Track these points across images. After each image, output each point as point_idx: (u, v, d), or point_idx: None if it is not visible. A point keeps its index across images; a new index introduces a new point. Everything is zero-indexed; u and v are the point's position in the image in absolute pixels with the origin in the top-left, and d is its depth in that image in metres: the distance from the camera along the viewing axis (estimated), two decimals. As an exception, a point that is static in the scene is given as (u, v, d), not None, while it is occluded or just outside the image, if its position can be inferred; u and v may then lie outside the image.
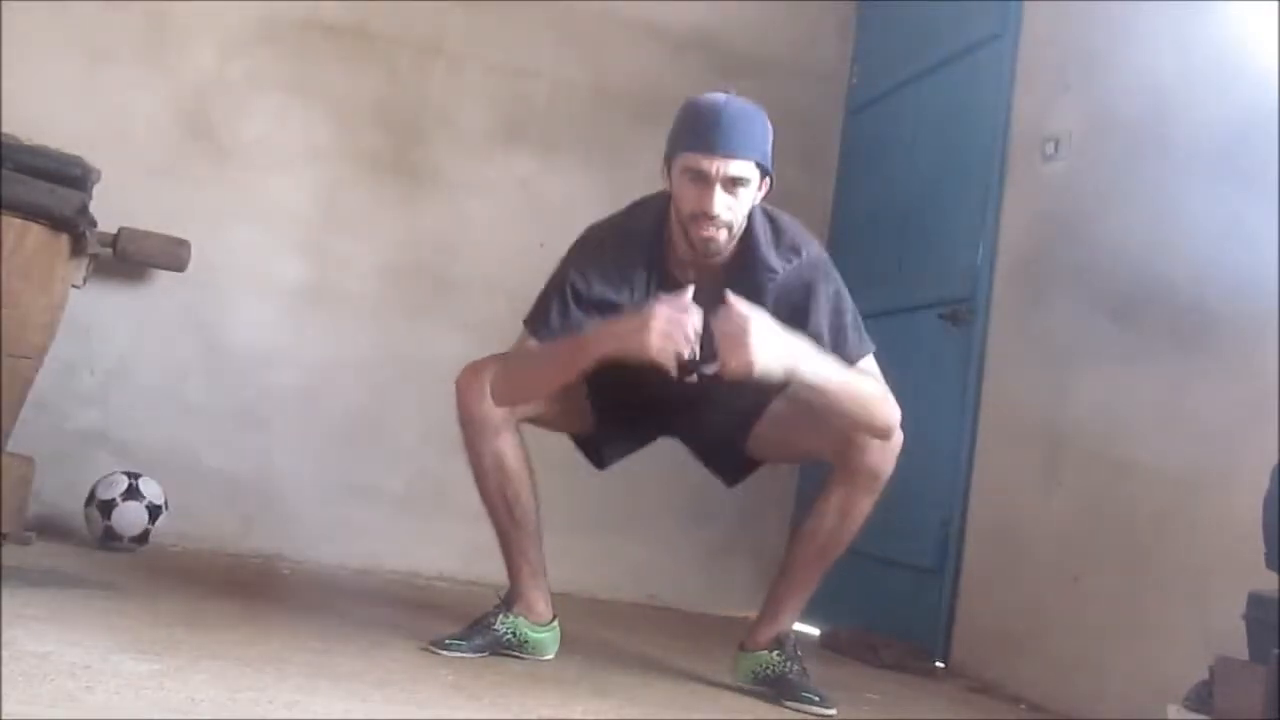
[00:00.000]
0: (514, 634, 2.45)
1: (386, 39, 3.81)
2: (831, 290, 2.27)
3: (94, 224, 2.99)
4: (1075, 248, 3.06)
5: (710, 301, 2.12)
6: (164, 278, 3.49)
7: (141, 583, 2.76)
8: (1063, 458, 2.97)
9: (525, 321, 2.29)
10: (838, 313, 2.26)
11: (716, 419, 2.47)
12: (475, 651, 2.39)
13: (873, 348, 2.29)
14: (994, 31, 3.48)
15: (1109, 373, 2.87)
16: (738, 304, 2.05)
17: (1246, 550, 2.10)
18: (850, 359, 2.24)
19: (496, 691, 2.12)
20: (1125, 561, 2.70)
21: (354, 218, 3.75)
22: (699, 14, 4.13)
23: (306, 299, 3.70)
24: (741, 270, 2.25)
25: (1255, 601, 1.99)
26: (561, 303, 2.25)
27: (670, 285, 2.24)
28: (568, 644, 2.58)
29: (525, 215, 3.91)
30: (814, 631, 3.62)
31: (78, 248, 2.93)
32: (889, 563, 3.47)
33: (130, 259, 3.36)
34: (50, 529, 3.19)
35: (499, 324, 3.77)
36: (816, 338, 2.21)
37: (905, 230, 3.80)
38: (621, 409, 2.42)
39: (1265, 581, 2.01)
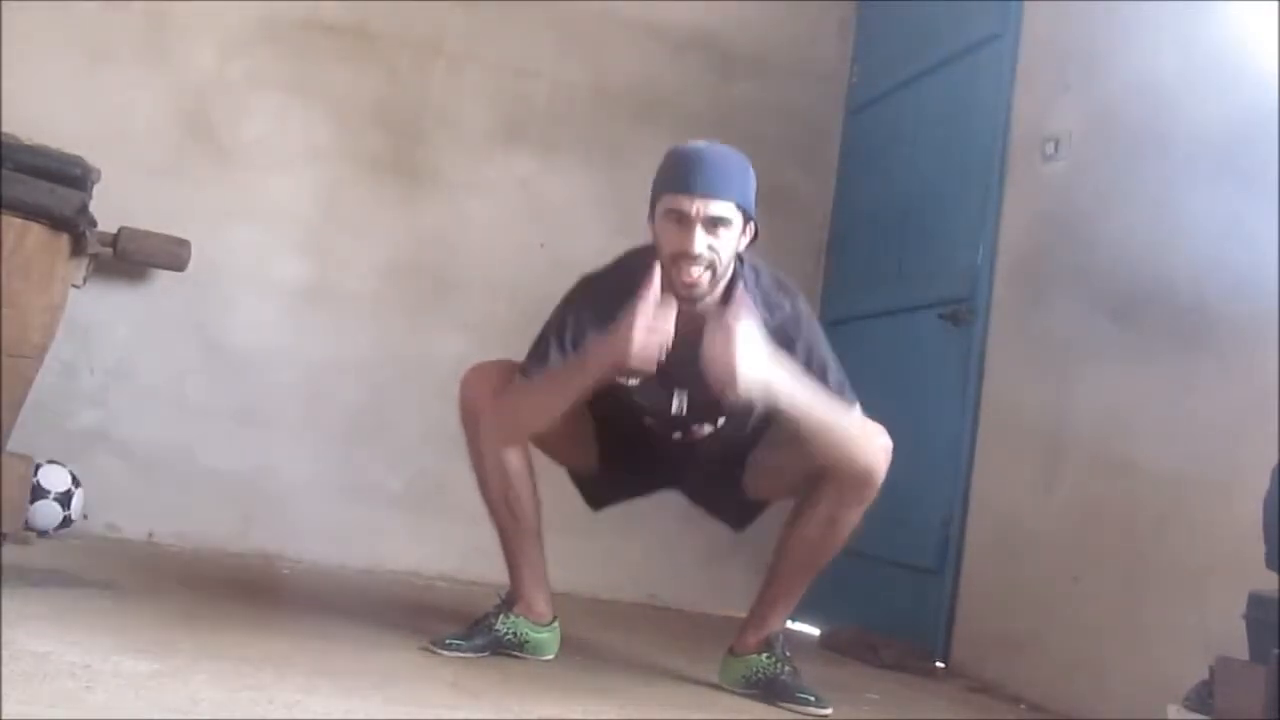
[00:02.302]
0: (514, 634, 2.45)
1: (386, 39, 3.81)
2: (813, 347, 2.27)
3: (94, 224, 2.99)
4: (1075, 248, 3.06)
5: (698, 352, 2.16)
6: (164, 278, 3.49)
7: (141, 583, 2.76)
8: (1063, 458, 2.97)
9: (521, 368, 2.29)
10: (821, 370, 2.26)
11: (711, 469, 2.49)
12: (475, 651, 2.39)
13: (856, 402, 2.28)
14: (994, 31, 3.48)
15: (1109, 373, 2.87)
16: (731, 314, 2.04)
17: (1246, 550, 2.10)
18: None
19: (496, 691, 2.12)
20: (1125, 562, 2.70)
21: (354, 218, 3.75)
22: (699, 14, 4.13)
23: (306, 299, 3.70)
24: None
25: (1255, 601, 1.99)
26: (559, 347, 2.26)
27: None
28: (568, 644, 2.58)
29: (525, 215, 3.92)
30: (814, 631, 3.63)
31: (78, 247, 2.93)
32: (889, 563, 3.47)
33: (130, 259, 3.36)
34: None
35: (499, 324, 3.81)
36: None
37: (905, 230, 3.80)
38: (624, 455, 2.42)
39: (1265, 581, 2.01)
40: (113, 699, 1.61)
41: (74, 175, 2.89)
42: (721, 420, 2.36)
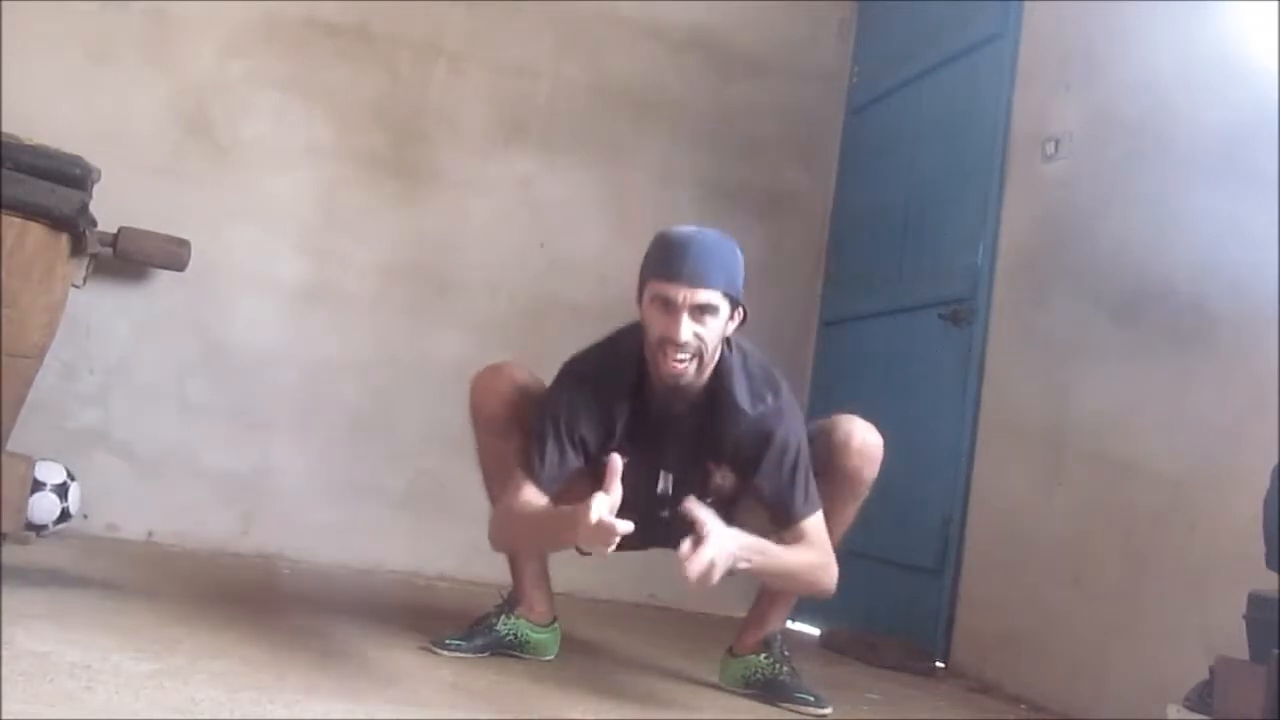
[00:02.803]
0: (515, 634, 2.46)
1: (386, 39, 3.81)
2: (789, 445, 2.25)
3: (94, 223, 2.99)
4: (1075, 248, 3.06)
5: (686, 433, 2.27)
6: (164, 278, 3.49)
7: (141, 583, 2.76)
8: (1063, 458, 2.97)
9: (519, 465, 2.28)
10: (790, 470, 2.25)
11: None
12: (476, 651, 2.39)
13: (818, 508, 2.27)
14: (994, 31, 3.48)
15: (1109, 372, 2.87)
16: (697, 520, 2.05)
17: (1246, 550, 2.10)
18: (794, 519, 2.24)
19: (496, 691, 2.12)
20: (1125, 561, 2.70)
21: (354, 217, 3.75)
22: (699, 14, 4.13)
23: (306, 299, 3.70)
24: (712, 405, 2.27)
25: (1255, 601, 1.99)
26: (557, 445, 2.25)
27: (650, 419, 2.28)
28: (568, 644, 2.58)
29: (525, 215, 3.92)
30: (814, 631, 3.63)
31: (78, 247, 2.93)
32: (889, 563, 3.47)
33: (130, 259, 3.36)
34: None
35: (499, 324, 3.81)
36: (758, 491, 2.26)
37: (905, 230, 3.80)
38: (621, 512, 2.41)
39: (1265, 581, 2.01)
40: (113, 699, 1.61)
41: (74, 175, 2.88)
42: (709, 499, 2.38)
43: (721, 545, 2.03)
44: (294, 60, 3.71)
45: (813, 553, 2.25)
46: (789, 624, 3.07)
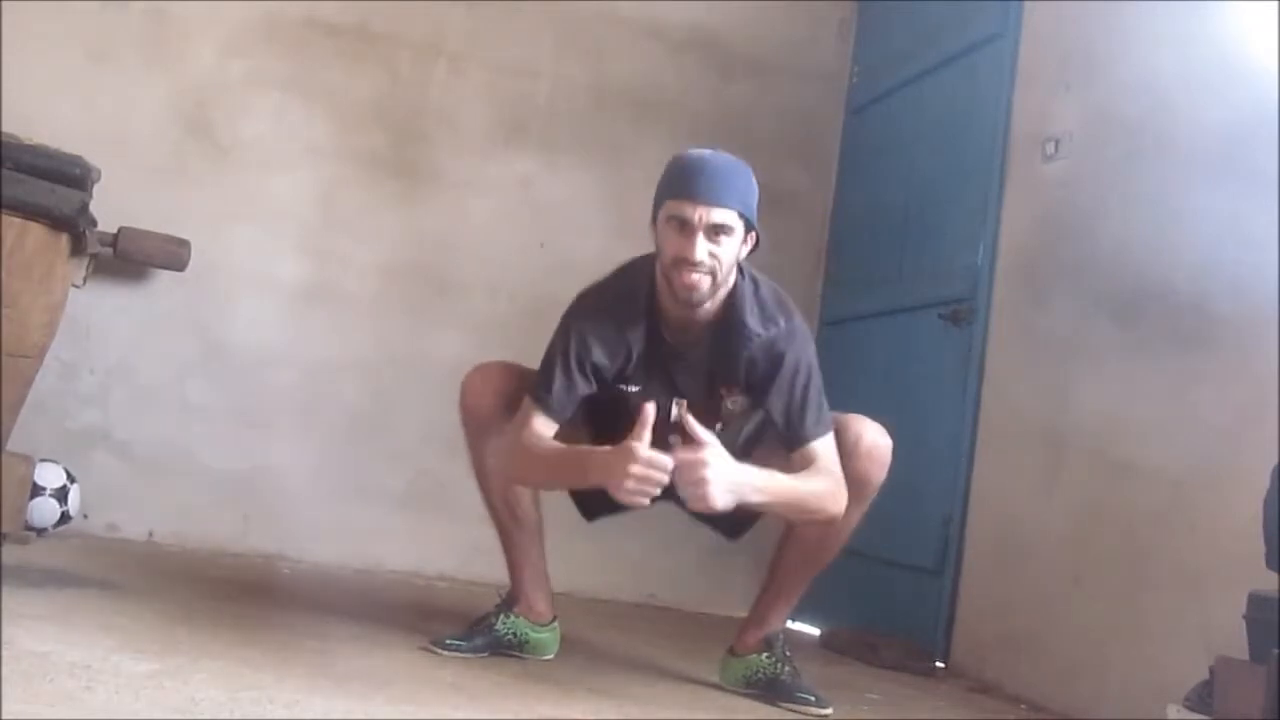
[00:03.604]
0: (514, 634, 2.45)
1: (386, 39, 3.81)
2: (800, 366, 2.26)
3: (94, 223, 2.99)
4: (1075, 248, 3.06)
5: (698, 359, 2.27)
6: (164, 278, 3.49)
7: (141, 583, 2.76)
8: (1063, 458, 2.97)
9: (529, 393, 2.28)
10: (802, 390, 2.25)
11: None
12: (475, 651, 2.39)
13: (829, 429, 2.27)
14: (994, 31, 3.48)
15: (1109, 373, 2.87)
16: (696, 437, 2.05)
17: (1246, 550, 2.10)
18: (804, 440, 2.24)
19: (496, 691, 2.12)
20: (1125, 562, 2.70)
21: (354, 217, 3.75)
22: (699, 14, 4.13)
23: (306, 299, 3.70)
24: (724, 330, 2.27)
25: (1255, 601, 1.99)
26: (565, 373, 2.25)
27: (662, 347, 2.28)
28: (568, 644, 2.58)
29: (525, 215, 3.92)
30: (814, 631, 3.63)
31: (78, 247, 2.93)
32: (889, 563, 3.47)
33: (130, 259, 3.36)
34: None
35: (499, 324, 3.81)
36: (769, 412, 2.25)
37: (905, 230, 3.80)
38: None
39: (1265, 581, 2.01)
40: (113, 699, 1.61)
41: (74, 175, 2.88)
42: (718, 427, 2.37)
43: (721, 457, 2.03)
44: (294, 60, 3.71)
45: (821, 479, 2.23)
46: (789, 624, 3.07)
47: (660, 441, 2.22)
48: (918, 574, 3.41)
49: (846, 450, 2.34)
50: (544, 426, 2.24)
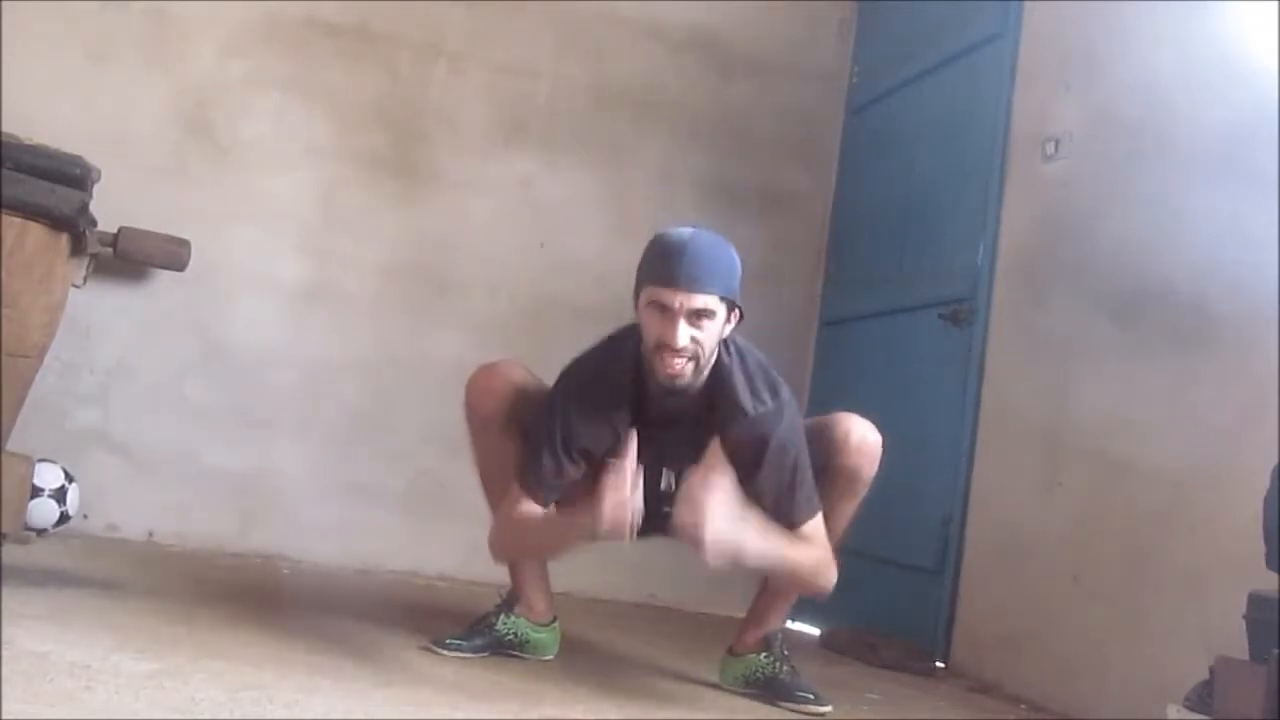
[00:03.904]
0: (515, 634, 2.46)
1: (386, 39, 3.81)
2: (789, 447, 2.25)
3: (94, 223, 2.99)
4: (1075, 248, 3.06)
5: (687, 432, 2.23)
6: (164, 278, 3.49)
7: (141, 583, 2.76)
8: (1063, 458, 2.97)
9: (516, 478, 2.29)
10: (791, 472, 2.25)
11: None
12: (476, 651, 2.39)
13: (818, 510, 2.28)
14: (994, 31, 3.48)
15: (1109, 373, 2.87)
16: (711, 465, 2.07)
17: (1246, 550, 2.10)
18: (795, 523, 2.24)
19: (496, 691, 2.12)
20: (1125, 561, 2.70)
21: (354, 217, 3.75)
22: (699, 14, 4.13)
23: (306, 299, 3.70)
24: (711, 405, 2.27)
25: (1255, 601, 1.99)
26: (553, 458, 2.26)
27: (649, 420, 2.27)
28: (568, 644, 2.58)
29: (525, 215, 3.92)
30: (814, 631, 3.63)
31: (78, 247, 2.93)
32: (889, 563, 3.47)
33: (130, 259, 3.35)
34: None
35: (499, 324, 3.81)
36: (759, 496, 2.23)
37: (905, 230, 3.80)
38: None
39: (1265, 581, 2.01)
40: (113, 699, 1.61)
41: (74, 175, 2.88)
42: None
43: (722, 515, 2.04)
44: (294, 60, 3.71)
45: (814, 549, 2.25)
46: (789, 624, 3.07)
47: (651, 511, 2.24)
48: (918, 574, 3.41)
49: (836, 446, 2.35)
50: (532, 510, 2.26)
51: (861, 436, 2.37)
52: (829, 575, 2.27)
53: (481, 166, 3.90)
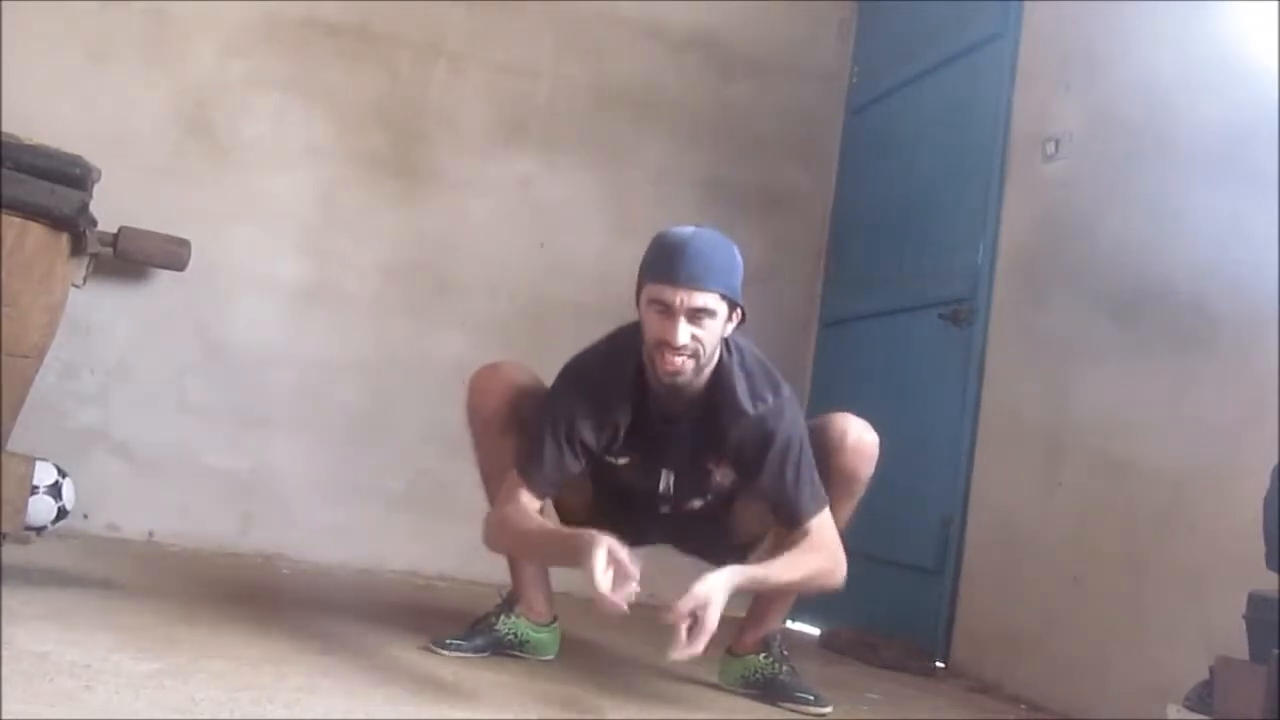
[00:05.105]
0: (515, 634, 2.46)
1: (386, 39, 3.81)
2: (791, 444, 2.24)
3: (94, 223, 2.98)
4: (1075, 248, 3.06)
5: (687, 432, 2.26)
6: (164, 277, 3.49)
7: (141, 582, 2.76)
8: (1063, 458, 2.97)
9: (516, 468, 2.28)
10: (795, 469, 2.24)
11: (698, 526, 2.49)
12: (476, 651, 2.39)
13: (824, 504, 2.27)
14: (994, 31, 3.48)
15: (1109, 372, 2.87)
16: (701, 594, 2.14)
17: (1246, 550, 2.10)
18: (800, 520, 2.24)
19: (496, 691, 2.12)
20: (1125, 561, 2.70)
21: (354, 217, 3.75)
22: (699, 14, 4.13)
23: (306, 299, 3.70)
24: (712, 405, 2.26)
25: (1255, 601, 1.99)
26: (554, 450, 2.25)
27: (650, 419, 2.27)
28: (568, 644, 2.58)
29: (525, 215, 3.92)
30: (814, 631, 3.63)
31: (78, 247, 2.92)
32: (889, 563, 3.47)
33: (130, 259, 3.36)
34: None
35: (499, 324, 3.81)
36: (761, 492, 2.24)
37: (905, 230, 3.80)
38: (615, 517, 2.42)
39: (1265, 581, 2.01)
40: (113, 699, 1.61)
41: (74, 175, 2.88)
42: (709, 496, 2.39)
43: (715, 604, 2.10)
44: (294, 60, 3.71)
45: (818, 555, 2.24)
46: (789, 624, 3.07)
47: (650, 511, 2.24)
48: (918, 574, 3.41)
49: (833, 446, 2.34)
50: (530, 501, 2.25)
51: (858, 437, 2.36)
52: (838, 574, 2.26)
53: (481, 166, 3.90)
